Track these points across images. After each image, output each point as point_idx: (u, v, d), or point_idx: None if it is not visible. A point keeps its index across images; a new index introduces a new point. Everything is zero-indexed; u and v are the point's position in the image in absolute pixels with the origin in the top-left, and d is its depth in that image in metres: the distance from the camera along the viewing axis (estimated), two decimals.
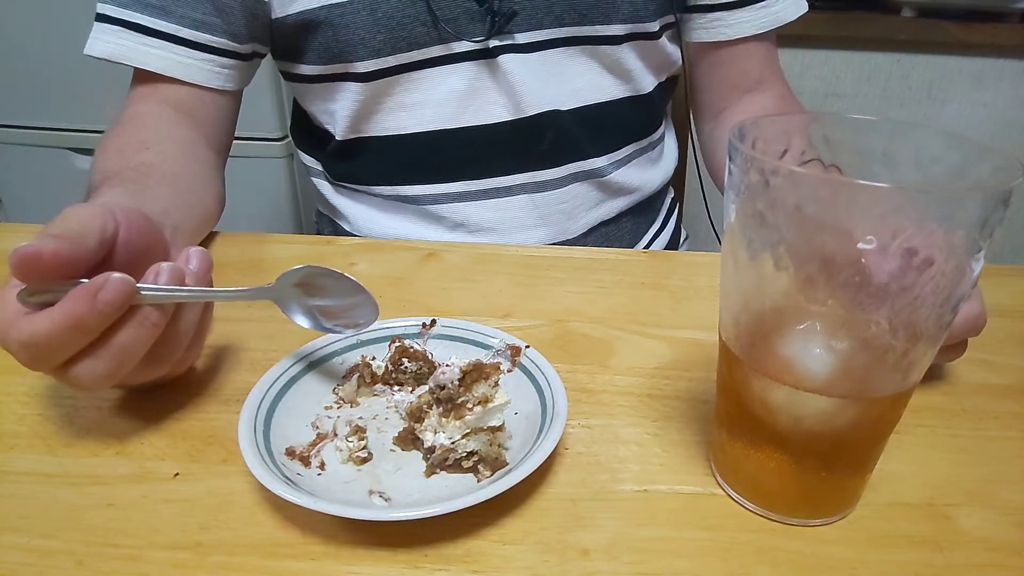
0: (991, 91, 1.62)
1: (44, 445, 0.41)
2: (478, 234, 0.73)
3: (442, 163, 0.71)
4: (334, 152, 0.74)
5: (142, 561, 0.34)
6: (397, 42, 0.65)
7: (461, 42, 0.65)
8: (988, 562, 0.35)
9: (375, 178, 0.73)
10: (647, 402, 0.45)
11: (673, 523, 0.37)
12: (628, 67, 0.71)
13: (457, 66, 0.67)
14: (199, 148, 0.65)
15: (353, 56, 0.65)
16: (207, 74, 0.65)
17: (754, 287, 0.33)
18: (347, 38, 0.64)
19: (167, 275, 0.38)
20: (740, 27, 0.73)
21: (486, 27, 0.65)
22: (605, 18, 0.67)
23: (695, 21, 0.75)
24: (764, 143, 0.35)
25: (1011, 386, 0.48)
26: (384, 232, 0.75)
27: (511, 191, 0.71)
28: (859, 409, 0.34)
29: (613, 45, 0.69)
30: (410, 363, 0.43)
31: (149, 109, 0.64)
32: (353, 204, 0.76)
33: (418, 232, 0.73)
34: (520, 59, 0.67)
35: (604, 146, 0.74)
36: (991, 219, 0.29)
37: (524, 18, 0.65)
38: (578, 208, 0.74)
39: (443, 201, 0.72)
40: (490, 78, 0.67)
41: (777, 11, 0.73)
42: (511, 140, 0.69)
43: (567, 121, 0.70)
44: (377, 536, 0.35)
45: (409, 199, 0.73)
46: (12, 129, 1.49)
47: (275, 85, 1.39)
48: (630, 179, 0.77)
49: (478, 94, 0.68)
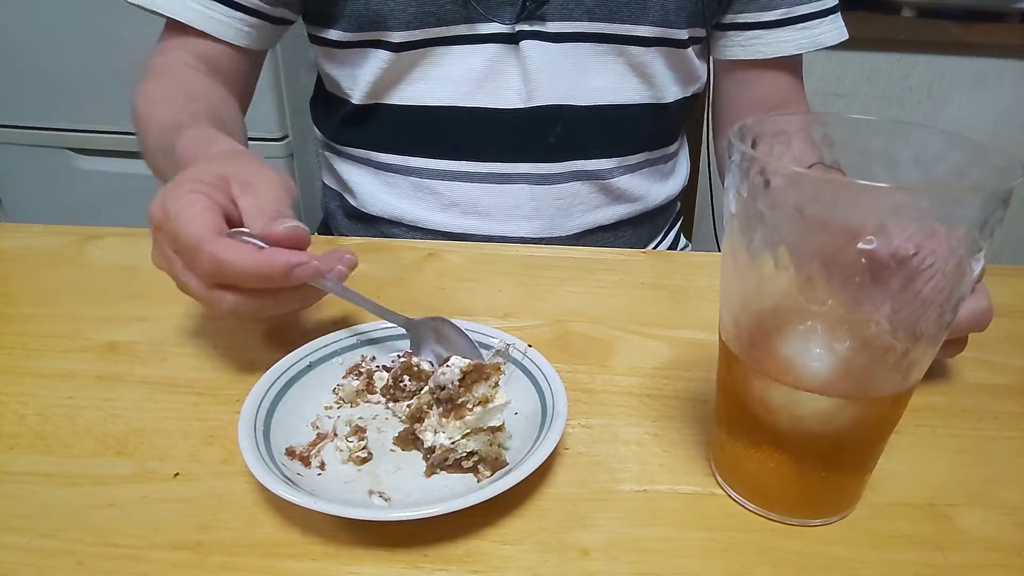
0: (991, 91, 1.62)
1: (44, 445, 0.41)
2: (471, 216, 0.73)
3: (448, 140, 0.71)
4: (346, 116, 0.75)
5: (142, 561, 0.34)
6: (426, 16, 0.65)
7: (489, 23, 0.66)
8: (988, 562, 0.35)
9: (380, 144, 0.74)
10: (647, 402, 0.45)
11: (673, 523, 0.37)
12: (652, 72, 0.71)
13: (480, 46, 0.67)
14: (232, 102, 0.67)
15: (385, 25, 0.66)
16: (236, 32, 0.67)
17: (754, 287, 0.33)
18: (378, 8, 0.65)
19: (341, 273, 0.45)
20: (778, 47, 0.72)
21: (516, 10, 0.65)
22: (635, 18, 0.67)
23: (731, 38, 0.74)
24: (764, 143, 0.35)
25: (1011, 386, 0.48)
26: (380, 206, 0.75)
27: (511, 179, 0.71)
28: (859, 409, 0.34)
29: (641, 47, 0.69)
30: (411, 381, 0.43)
31: (179, 59, 0.66)
32: (355, 172, 0.77)
33: (413, 208, 0.74)
34: (543, 47, 0.67)
35: (613, 149, 0.73)
36: (991, 219, 0.29)
37: (555, 7, 0.66)
38: (575, 207, 0.74)
39: (442, 178, 0.72)
40: (509, 62, 0.67)
41: (818, 34, 0.72)
42: (518, 128, 0.69)
43: (578, 117, 0.70)
44: (377, 536, 0.35)
45: (409, 170, 0.73)
46: (12, 129, 1.48)
47: (275, 85, 1.39)
48: (635, 188, 0.76)
49: (495, 76, 0.68)
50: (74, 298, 0.54)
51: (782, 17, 0.71)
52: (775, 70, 0.75)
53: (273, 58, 1.36)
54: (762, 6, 0.71)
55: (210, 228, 0.41)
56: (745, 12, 0.72)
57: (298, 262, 0.41)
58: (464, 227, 0.73)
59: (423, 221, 0.74)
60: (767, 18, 0.71)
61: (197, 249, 0.40)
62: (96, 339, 0.50)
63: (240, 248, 0.40)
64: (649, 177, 0.78)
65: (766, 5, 0.71)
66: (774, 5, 0.71)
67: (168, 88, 0.64)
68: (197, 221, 0.41)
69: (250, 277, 0.40)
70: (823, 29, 0.73)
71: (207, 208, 0.41)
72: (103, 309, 0.53)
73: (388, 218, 0.76)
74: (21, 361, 0.48)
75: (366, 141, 0.75)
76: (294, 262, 0.41)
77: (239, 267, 0.40)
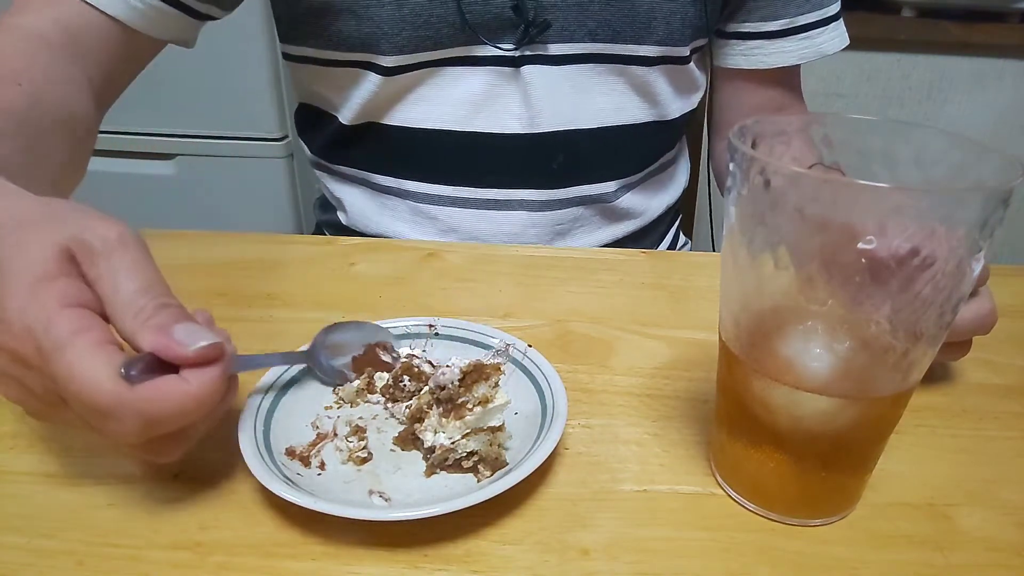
0: (991, 91, 1.62)
1: (44, 445, 0.41)
2: (469, 243, 0.71)
3: (446, 164, 0.69)
4: (336, 135, 0.72)
5: (142, 561, 0.34)
6: (422, 40, 0.62)
7: (487, 46, 0.64)
8: (988, 562, 0.35)
9: (375, 165, 0.71)
10: (647, 402, 0.45)
11: (673, 523, 0.37)
12: (656, 91, 0.69)
13: (479, 69, 0.65)
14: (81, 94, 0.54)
15: (376, 49, 0.63)
16: (129, 10, 0.57)
17: (754, 287, 0.33)
18: (370, 31, 0.62)
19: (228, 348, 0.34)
20: (781, 56, 0.72)
21: (518, 35, 0.63)
22: (639, 39, 0.65)
23: (733, 47, 0.73)
24: (764, 143, 0.35)
25: (1011, 386, 0.48)
26: (375, 228, 0.73)
27: (509, 205, 0.70)
28: (859, 409, 0.34)
29: (644, 67, 0.67)
30: (410, 382, 0.43)
31: (35, 23, 0.54)
32: (348, 191, 0.74)
33: (410, 232, 0.72)
34: (545, 71, 0.65)
35: (617, 171, 0.72)
36: (991, 219, 0.29)
37: (557, 30, 0.63)
38: (576, 230, 0.72)
39: (438, 203, 0.70)
40: (509, 87, 0.65)
41: (820, 43, 0.72)
42: (520, 155, 0.68)
43: (582, 142, 0.68)
44: (377, 536, 0.35)
45: (405, 194, 0.71)
46: None
47: (275, 85, 1.39)
48: (637, 205, 0.75)
49: (494, 101, 0.66)
50: None
51: (784, 27, 0.71)
52: (775, 78, 0.75)
53: (273, 58, 1.36)
54: (764, 16, 0.71)
55: (114, 373, 0.30)
56: (748, 22, 0.71)
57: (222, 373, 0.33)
58: None
59: None
60: (769, 28, 0.71)
61: (113, 411, 0.30)
62: None
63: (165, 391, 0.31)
64: (649, 190, 0.77)
65: (768, 15, 0.71)
66: (776, 15, 0.70)
67: None
68: (94, 365, 0.30)
69: (189, 418, 0.32)
70: (825, 38, 0.72)
71: (97, 341, 0.30)
72: None
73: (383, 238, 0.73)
74: None
75: (360, 161, 0.72)
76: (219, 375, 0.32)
77: (173, 414, 0.31)
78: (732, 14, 0.71)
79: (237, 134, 1.42)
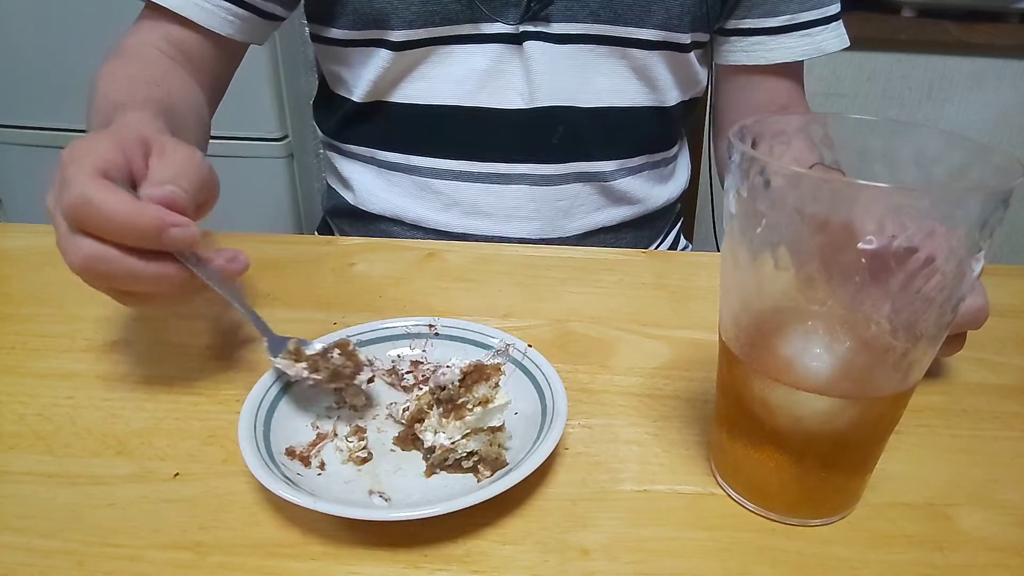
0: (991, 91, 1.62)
1: (44, 445, 0.41)
2: (472, 216, 0.73)
3: (450, 139, 0.71)
4: (349, 113, 0.75)
5: (142, 561, 0.34)
6: (429, 16, 0.65)
7: (493, 23, 0.66)
8: (988, 562, 0.35)
9: (383, 142, 0.74)
10: (647, 402, 0.45)
11: (673, 523, 0.37)
12: (655, 76, 0.71)
13: (484, 46, 0.67)
14: (198, 95, 0.64)
15: (387, 24, 0.66)
16: (220, 21, 0.65)
17: (754, 287, 0.33)
18: (381, 6, 0.65)
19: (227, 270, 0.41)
20: (781, 53, 0.73)
21: (520, 11, 0.65)
22: (639, 21, 0.67)
23: (733, 44, 0.74)
24: (764, 143, 0.35)
25: (1011, 386, 0.48)
26: (381, 204, 0.75)
27: (511, 179, 0.72)
28: (859, 409, 0.34)
29: (644, 50, 0.69)
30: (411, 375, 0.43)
31: (151, 42, 0.63)
32: (357, 169, 0.77)
33: (414, 207, 0.74)
34: (547, 48, 0.67)
35: (615, 151, 0.73)
36: (991, 219, 0.29)
37: (559, 8, 0.66)
38: (576, 208, 0.74)
39: (443, 177, 0.72)
40: (512, 63, 0.68)
41: (820, 41, 0.73)
42: (520, 128, 0.70)
43: (581, 120, 0.70)
44: (377, 536, 0.35)
45: (412, 169, 0.73)
46: (12, 129, 1.48)
47: (275, 85, 1.39)
48: (636, 190, 0.76)
49: (497, 77, 0.68)
50: (74, 298, 0.54)
51: (785, 24, 0.71)
52: (776, 76, 0.75)
53: (273, 58, 1.37)
54: (765, 12, 0.71)
55: (93, 168, 0.37)
56: (748, 18, 0.72)
57: (173, 222, 0.37)
58: (464, 227, 0.73)
59: (423, 220, 0.74)
60: (770, 24, 0.72)
61: (67, 183, 0.36)
62: (96, 339, 0.50)
63: (112, 190, 0.36)
64: (649, 179, 0.78)
65: (769, 11, 0.71)
66: (777, 11, 0.71)
67: (132, 69, 0.60)
68: (86, 160, 0.37)
69: (116, 224, 0.36)
70: (825, 36, 0.73)
71: (104, 153, 0.38)
72: (103, 309, 0.53)
73: (388, 216, 0.76)
74: (21, 361, 0.48)
75: (369, 139, 0.75)
76: (169, 221, 0.37)
77: (106, 210, 0.36)
78: (733, 9, 0.72)
79: (237, 134, 1.42)
